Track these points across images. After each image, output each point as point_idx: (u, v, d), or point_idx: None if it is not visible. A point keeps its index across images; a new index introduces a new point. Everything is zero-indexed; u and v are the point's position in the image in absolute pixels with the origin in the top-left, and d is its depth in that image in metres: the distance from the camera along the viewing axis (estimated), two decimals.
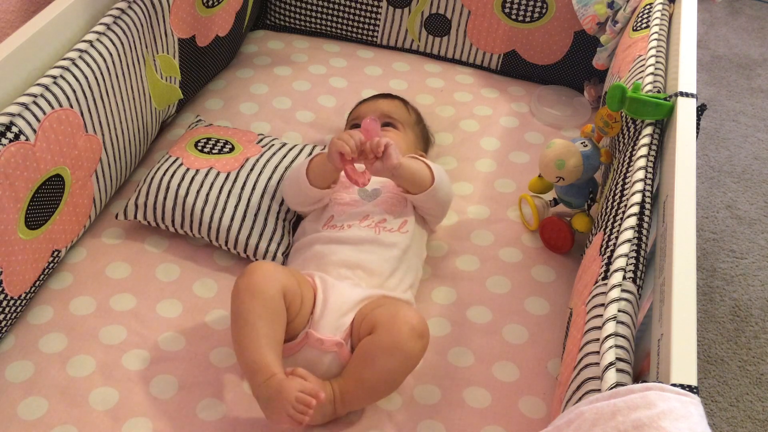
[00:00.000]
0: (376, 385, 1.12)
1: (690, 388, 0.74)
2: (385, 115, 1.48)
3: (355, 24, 1.93)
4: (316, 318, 1.18)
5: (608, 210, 1.17)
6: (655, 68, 1.29)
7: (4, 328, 1.21)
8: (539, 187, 1.49)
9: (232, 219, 1.36)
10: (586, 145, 1.38)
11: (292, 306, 1.16)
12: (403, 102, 1.56)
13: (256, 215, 1.37)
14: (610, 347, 0.86)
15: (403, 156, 1.34)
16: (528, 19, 1.81)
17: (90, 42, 1.31)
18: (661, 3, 1.47)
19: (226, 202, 1.37)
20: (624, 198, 1.11)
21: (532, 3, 1.78)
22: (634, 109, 1.20)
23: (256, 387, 1.09)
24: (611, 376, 0.82)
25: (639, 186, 1.09)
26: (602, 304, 0.94)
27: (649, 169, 1.12)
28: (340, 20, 1.94)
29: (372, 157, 1.27)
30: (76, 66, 1.27)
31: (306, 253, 1.30)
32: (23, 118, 1.16)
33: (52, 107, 1.21)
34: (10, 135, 1.13)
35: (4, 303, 1.18)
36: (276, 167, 1.43)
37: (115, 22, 1.36)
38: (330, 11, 1.93)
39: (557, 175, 1.36)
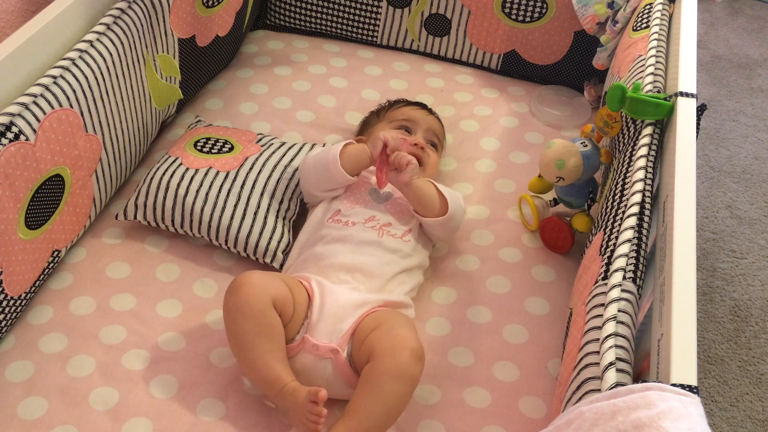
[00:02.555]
0: (385, 415, 1.10)
1: (690, 388, 0.74)
2: (435, 135, 1.52)
3: (355, 24, 1.93)
4: (313, 323, 1.18)
5: (608, 210, 1.17)
6: (655, 68, 1.29)
7: (4, 328, 1.21)
8: (539, 187, 1.49)
9: (232, 218, 1.36)
10: (586, 145, 1.38)
11: (284, 313, 1.16)
12: (443, 126, 1.59)
13: (255, 214, 1.37)
14: (610, 347, 0.86)
15: (433, 177, 1.42)
16: (528, 19, 1.81)
17: (90, 42, 1.31)
18: (661, 3, 1.47)
19: (225, 201, 1.37)
20: (624, 198, 1.11)
21: (532, 3, 1.78)
22: (634, 109, 1.20)
23: (271, 398, 1.14)
24: (611, 376, 0.82)
25: (639, 186, 1.09)
26: (602, 304, 0.94)
27: (649, 169, 1.12)
28: (340, 20, 1.94)
29: (392, 167, 1.32)
30: (76, 66, 1.27)
31: (306, 253, 1.30)
32: (23, 118, 1.16)
33: (52, 107, 1.21)
34: (10, 135, 1.13)
35: (4, 303, 1.18)
36: (275, 166, 1.43)
37: (115, 22, 1.36)
38: (330, 11, 1.93)
39: (557, 175, 1.36)
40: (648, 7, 1.49)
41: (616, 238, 1.03)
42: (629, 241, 1.01)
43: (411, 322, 1.21)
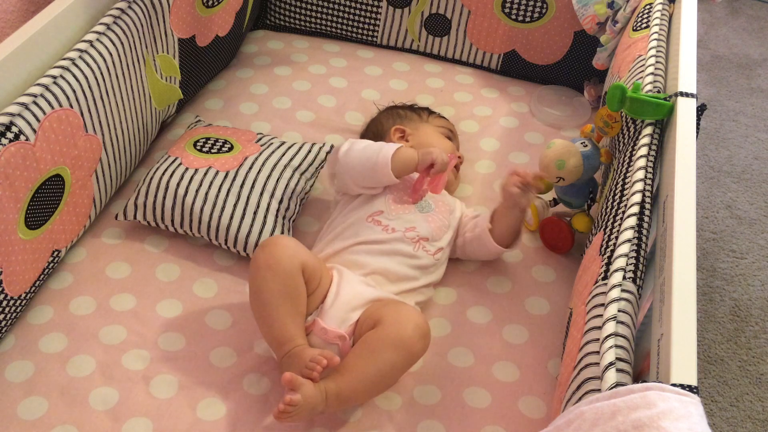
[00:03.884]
0: (377, 380, 1.12)
1: (690, 388, 0.74)
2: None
3: (355, 24, 1.93)
4: (326, 307, 1.19)
5: (608, 210, 1.17)
6: (655, 68, 1.29)
7: (4, 328, 1.21)
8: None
9: (232, 217, 1.36)
10: (586, 145, 1.38)
11: (311, 282, 1.18)
12: None
13: (255, 213, 1.37)
14: (610, 347, 0.86)
15: (455, 188, 1.50)
16: (528, 19, 1.81)
17: (90, 42, 1.31)
18: (661, 3, 1.47)
19: (225, 201, 1.37)
20: (624, 198, 1.11)
21: (532, 3, 1.78)
22: (634, 109, 1.20)
23: (281, 357, 1.14)
24: (611, 376, 0.82)
25: (639, 186, 1.09)
26: (602, 304, 0.95)
27: (649, 169, 1.12)
28: (340, 20, 1.94)
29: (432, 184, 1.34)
30: (76, 66, 1.27)
31: (337, 245, 1.30)
32: (23, 118, 1.16)
33: (52, 107, 1.21)
34: (10, 135, 1.13)
35: (4, 303, 1.18)
36: (275, 165, 1.43)
37: (115, 22, 1.36)
38: (330, 11, 1.93)
39: (557, 175, 1.36)
40: (648, 7, 1.49)
41: (616, 238, 1.03)
42: (629, 241, 1.01)
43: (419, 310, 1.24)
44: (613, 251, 1.02)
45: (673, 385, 0.73)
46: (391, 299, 1.22)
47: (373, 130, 1.54)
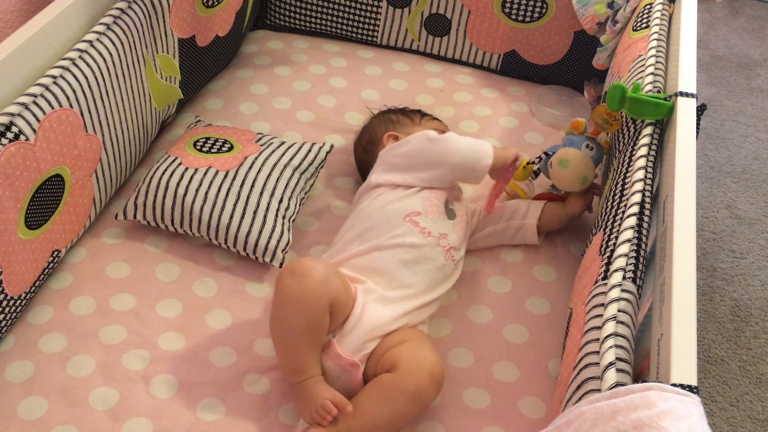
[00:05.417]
0: (387, 425, 1.12)
1: (690, 388, 0.74)
2: None
3: (355, 24, 1.93)
4: (345, 332, 1.17)
5: (608, 210, 1.17)
6: (655, 68, 1.29)
7: (4, 328, 1.21)
8: (520, 175, 1.49)
9: (231, 217, 1.36)
10: (592, 148, 1.39)
11: (334, 315, 1.15)
12: None
13: (255, 213, 1.37)
14: (610, 347, 0.86)
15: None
16: (528, 19, 1.81)
17: (90, 42, 1.31)
18: (661, 3, 1.47)
19: (225, 201, 1.37)
20: (624, 198, 1.11)
21: (532, 3, 1.78)
22: (634, 109, 1.20)
23: (293, 384, 1.14)
24: (611, 376, 0.82)
25: (639, 186, 1.09)
26: (602, 304, 0.95)
27: (649, 169, 1.12)
28: (340, 20, 1.94)
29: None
30: (76, 66, 1.27)
31: (372, 243, 1.26)
32: (23, 118, 1.16)
33: (52, 107, 1.21)
34: (10, 135, 1.13)
35: (4, 303, 1.18)
36: (275, 165, 1.43)
37: (115, 22, 1.36)
38: (330, 11, 1.93)
39: (581, 188, 1.40)
40: (648, 7, 1.49)
41: (616, 238, 1.03)
42: (629, 241, 1.01)
43: (432, 343, 1.22)
44: (613, 251, 1.02)
45: (673, 385, 0.73)
46: (410, 333, 1.20)
47: (367, 137, 1.52)
